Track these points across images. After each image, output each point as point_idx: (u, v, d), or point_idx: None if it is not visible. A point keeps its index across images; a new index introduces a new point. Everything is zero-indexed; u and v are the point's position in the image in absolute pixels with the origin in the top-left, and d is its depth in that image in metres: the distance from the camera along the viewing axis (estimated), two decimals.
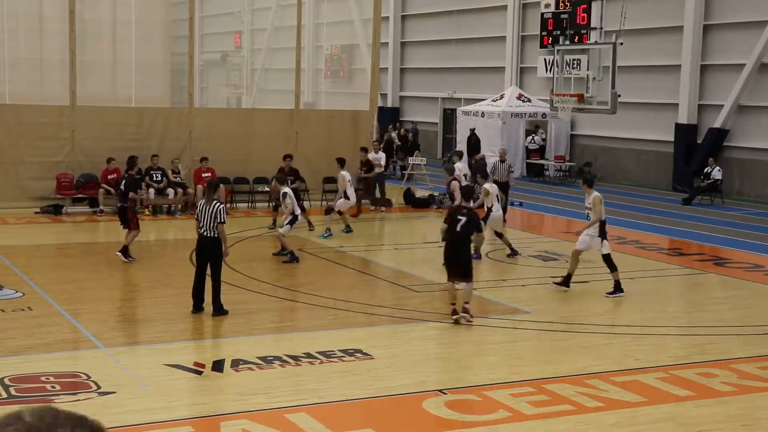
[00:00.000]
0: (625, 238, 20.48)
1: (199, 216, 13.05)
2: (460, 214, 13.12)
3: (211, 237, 12.85)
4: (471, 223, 13.01)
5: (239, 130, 24.26)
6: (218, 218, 12.79)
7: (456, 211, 13.40)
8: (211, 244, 12.88)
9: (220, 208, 12.86)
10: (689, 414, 9.56)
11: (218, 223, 12.80)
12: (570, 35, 29.26)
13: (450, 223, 13.08)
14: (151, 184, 22.82)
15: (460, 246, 12.98)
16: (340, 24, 35.13)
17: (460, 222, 12.94)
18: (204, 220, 12.90)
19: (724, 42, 29.62)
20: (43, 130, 22.73)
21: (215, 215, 12.80)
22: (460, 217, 13.02)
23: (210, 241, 12.88)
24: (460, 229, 12.93)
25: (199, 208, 13.14)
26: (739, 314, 14.01)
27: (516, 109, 34.22)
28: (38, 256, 17.33)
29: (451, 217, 13.19)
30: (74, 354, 11.27)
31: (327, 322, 13.01)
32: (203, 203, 13.12)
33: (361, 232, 21.95)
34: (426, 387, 10.14)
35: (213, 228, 12.82)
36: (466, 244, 13.08)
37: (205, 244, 12.95)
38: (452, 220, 13.09)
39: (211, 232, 12.85)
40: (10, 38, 25.60)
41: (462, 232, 12.95)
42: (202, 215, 12.95)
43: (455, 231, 12.94)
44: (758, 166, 28.70)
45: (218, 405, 9.40)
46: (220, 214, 12.83)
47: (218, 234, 12.84)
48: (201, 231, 12.96)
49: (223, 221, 12.85)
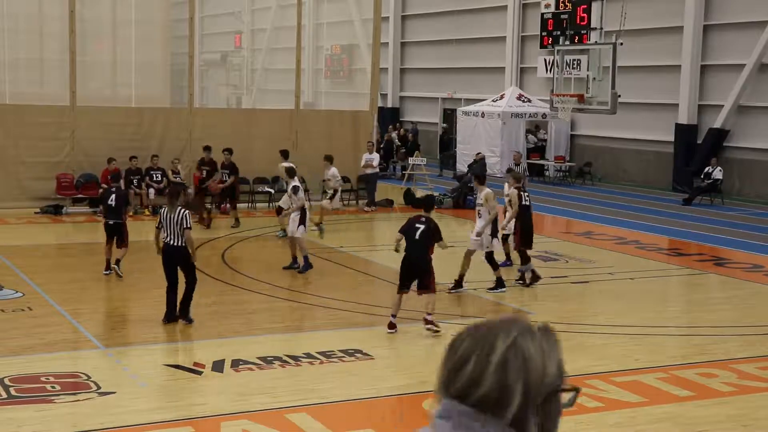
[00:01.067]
0: (625, 238, 20.48)
1: (162, 223, 12.54)
2: (418, 222, 12.48)
3: (177, 245, 12.41)
4: (430, 231, 12.38)
5: (239, 131, 24.26)
6: (184, 224, 12.33)
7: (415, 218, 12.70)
8: (178, 252, 12.45)
9: (185, 214, 12.41)
10: (689, 414, 9.56)
11: (184, 228, 12.34)
12: (570, 35, 29.29)
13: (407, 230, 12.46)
14: (151, 184, 22.83)
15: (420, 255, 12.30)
16: (340, 24, 35.12)
17: (419, 230, 12.35)
18: (168, 228, 12.42)
19: (724, 42, 29.62)
20: (43, 130, 22.72)
21: (180, 221, 12.34)
22: (418, 225, 12.40)
23: (177, 249, 12.44)
24: (419, 237, 12.33)
25: (163, 215, 12.61)
26: (739, 314, 14.01)
27: (516, 110, 34.23)
28: (38, 256, 17.33)
29: (409, 224, 12.56)
30: (74, 354, 11.27)
31: (327, 322, 13.01)
32: (166, 210, 12.59)
33: (361, 232, 21.97)
34: (426, 387, 10.13)
35: (179, 235, 12.37)
36: (426, 253, 12.35)
37: (173, 253, 12.50)
38: (409, 227, 12.45)
39: (176, 239, 12.40)
40: (10, 38, 25.58)
41: (421, 240, 12.29)
42: (166, 223, 12.46)
43: (414, 239, 12.32)
44: (758, 166, 28.69)
45: (218, 405, 9.40)
46: (186, 220, 12.38)
47: (185, 241, 12.39)
48: (165, 239, 12.46)
49: (189, 227, 12.40)
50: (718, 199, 27.46)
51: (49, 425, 8.72)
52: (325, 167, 21.27)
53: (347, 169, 25.98)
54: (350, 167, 26.08)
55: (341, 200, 22.44)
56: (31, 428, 8.65)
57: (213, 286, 15.33)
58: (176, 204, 12.53)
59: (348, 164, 26.03)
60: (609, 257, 18.44)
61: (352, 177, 25.85)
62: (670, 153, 31.06)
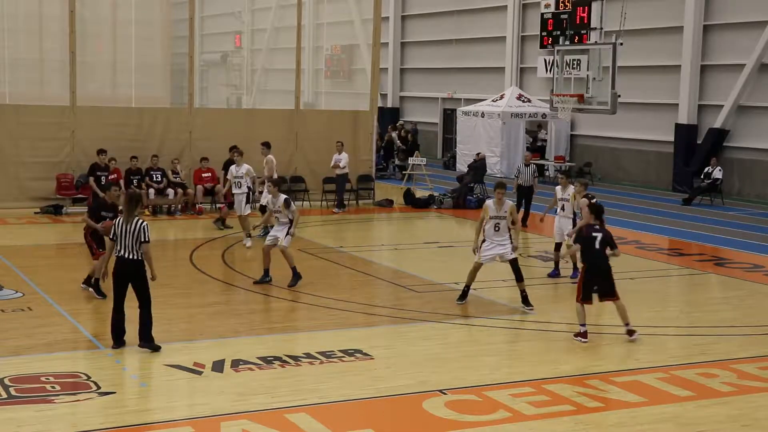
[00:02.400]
0: (625, 238, 20.47)
1: (116, 235, 11.27)
2: (593, 230, 12.44)
3: (132, 259, 11.18)
4: (606, 238, 12.36)
5: (239, 131, 24.24)
6: (141, 237, 11.15)
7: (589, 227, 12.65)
8: (132, 268, 11.20)
9: (143, 226, 11.21)
10: (689, 414, 9.56)
11: (142, 243, 11.16)
12: (570, 35, 29.26)
13: (585, 239, 12.44)
14: (151, 184, 22.83)
15: (603, 262, 12.34)
16: (340, 24, 35.10)
17: (596, 238, 12.31)
18: (123, 241, 11.18)
19: (724, 42, 29.62)
20: (43, 130, 22.72)
21: (138, 234, 11.16)
22: (595, 234, 12.36)
23: (131, 264, 11.19)
24: (599, 245, 12.31)
25: (118, 227, 11.31)
26: (739, 314, 14.00)
27: (516, 110, 34.24)
28: (38, 256, 17.32)
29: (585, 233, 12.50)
30: (74, 354, 11.26)
31: (327, 322, 13.01)
32: (121, 221, 11.33)
33: (361, 232, 21.97)
34: (426, 387, 10.14)
35: (135, 249, 11.16)
36: (607, 260, 12.40)
37: (126, 268, 11.20)
38: (587, 236, 12.40)
39: (132, 253, 11.17)
40: (10, 38, 25.58)
41: (601, 248, 12.33)
42: (122, 235, 11.20)
43: (595, 248, 12.31)
44: (758, 166, 28.70)
45: (218, 405, 9.40)
46: (144, 233, 11.18)
47: (141, 255, 11.20)
48: (119, 253, 11.22)
49: (147, 240, 11.20)
50: (718, 199, 27.47)
51: (49, 425, 8.72)
52: (265, 154, 20.99)
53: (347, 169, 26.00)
54: (351, 167, 26.06)
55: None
56: (31, 428, 8.65)
57: (213, 286, 15.34)
58: (134, 213, 11.35)
59: (348, 164, 26.03)
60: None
61: (352, 177, 25.83)
62: (670, 153, 31.06)
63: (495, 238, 13.92)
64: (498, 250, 13.95)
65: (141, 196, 12.04)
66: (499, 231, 13.90)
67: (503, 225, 13.88)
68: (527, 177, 21.94)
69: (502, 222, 13.87)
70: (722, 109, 29.32)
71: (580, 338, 12.21)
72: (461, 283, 14.42)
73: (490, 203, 13.99)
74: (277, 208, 15.13)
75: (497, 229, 13.90)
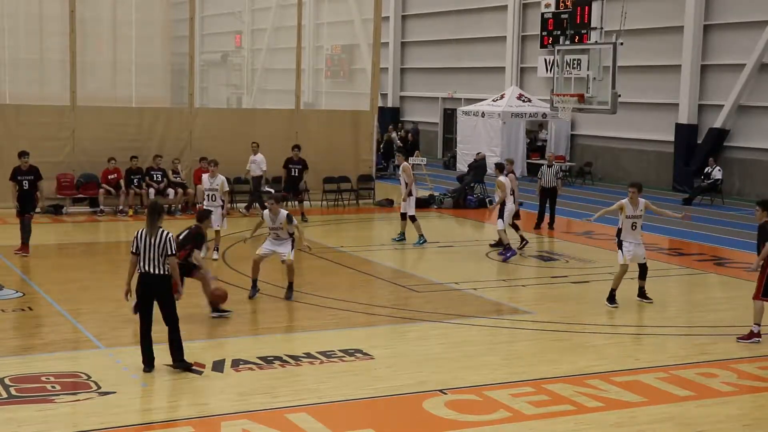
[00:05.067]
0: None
1: (138, 248, 10.40)
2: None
3: (158, 274, 10.37)
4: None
5: (239, 130, 24.26)
6: (168, 250, 10.36)
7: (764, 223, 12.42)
8: (158, 283, 10.41)
9: (169, 237, 10.39)
10: (689, 414, 9.57)
11: (168, 255, 10.37)
12: (570, 35, 29.28)
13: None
14: (151, 184, 22.84)
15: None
16: (340, 24, 35.08)
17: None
18: (147, 254, 10.35)
19: (724, 42, 29.62)
20: (43, 130, 22.72)
21: (164, 246, 10.35)
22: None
23: (157, 280, 10.39)
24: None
25: (140, 239, 10.42)
26: (739, 314, 14.00)
27: (516, 109, 34.25)
28: (38, 256, 17.32)
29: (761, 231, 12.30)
30: (74, 354, 11.27)
31: (327, 322, 13.01)
32: (144, 232, 10.43)
33: (361, 232, 21.97)
34: (426, 387, 10.14)
35: (161, 263, 10.35)
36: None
37: (152, 284, 10.38)
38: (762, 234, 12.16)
39: (157, 268, 10.36)
40: (10, 38, 25.59)
41: None
42: (145, 248, 10.36)
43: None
44: (758, 166, 28.70)
45: (218, 405, 9.40)
46: (170, 245, 10.38)
47: (167, 270, 10.41)
48: (144, 268, 10.37)
49: (173, 253, 10.41)
50: (718, 199, 27.47)
51: (49, 425, 8.73)
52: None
53: (347, 169, 26.01)
54: (350, 167, 26.09)
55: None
56: (31, 428, 8.65)
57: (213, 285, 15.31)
58: (158, 224, 10.50)
59: (348, 164, 26.05)
60: (609, 257, 18.41)
61: (353, 177, 25.83)
62: (670, 153, 31.07)
63: (631, 238, 14.19)
64: (639, 251, 14.29)
65: (163, 207, 11.19)
66: (636, 230, 14.20)
67: (639, 224, 14.17)
68: (550, 178, 21.72)
69: (639, 221, 14.17)
70: (722, 109, 29.33)
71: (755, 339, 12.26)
72: (461, 283, 14.45)
73: (626, 202, 14.22)
74: (278, 225, 14.08)
75: (634, 228, 14.19)
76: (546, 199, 21.81)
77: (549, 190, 21.75)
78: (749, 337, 12.32)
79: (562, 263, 17.90)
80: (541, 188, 21.79)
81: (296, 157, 22.59)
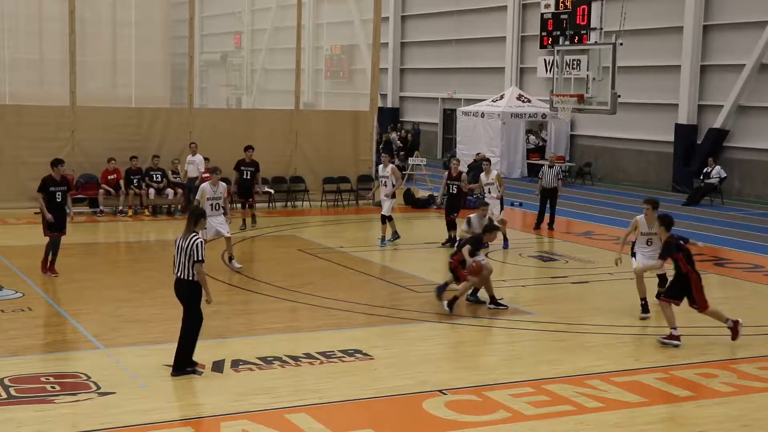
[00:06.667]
0: None
1: (175, 253, 10.38)
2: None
3: (185, 279, 10.28)
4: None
5: (239, 131, 24.25)
6: (195, 256, 10.15)
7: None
8: (185, 288, 10.33)
9: (197, 243, 10.17)
10: (689, 414, 9.57)
11: (195, 262, 10.17)
12: (570, 35, 29.28)
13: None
14: (151, 184, 22.84)
15: None
16: (340, 24, 35.09)
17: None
18: (178, 258, 10.28)
19: (724, 42, 29.63)
20: (43, 130, 22.71)
21: (191, 252, 10.17)
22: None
23: (184, 285, 10.32)
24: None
25: (177, 244, 10.36)
26: (739, 314, 13.97)
27: (516, 110, 34.26)
28: (38, 256, 17.29)
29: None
30: (74, 354, 11.26)
31: (327, 322, 13.01)
32: (180, 238, 10.36)
33: (361, 232, 21.95)
34: (426, 387, 10.14)
35: (189, 269, 10.21)
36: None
37: (180, 289, 10.38)
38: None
39: (185, 273, 10.26)
40: (10, 38, 25.61)
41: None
42: (177, 252, 10.29)
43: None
44: (758, 166, 28.70)
45: (218, 405, 9.40)
46: (197, 251, 10.15)
47: (196, 276, 10.26)
48: (175, 272, 10.37)
49: (200, 259, 10.17)
50: (718, 199, 27.47)
51: (49, 425, 8.72)
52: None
53: (347, 169, 26.00)
54: (350, 167, 26.07)
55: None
56: (31, 428, 8.65)
57: (213, 285, 15.28)
58: (193, 229, 10.37)
59: (348, 165, 26.04)
60: (609, 257, 18.41)
61: (352, 177, 25.83)
62: (670, 153, 31.07)
63: (645, 251, 13.83)
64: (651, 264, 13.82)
65: (204, 212, 10.93)
66: (651, 246, 13.76)
67: (655, 240, 13.54)
68: (551, 179, 21.67)
69: (654, 237, 13.57)
70: (722, 109, 29.33)
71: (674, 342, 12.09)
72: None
73: (641, 219, 13.80)
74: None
75: (649, 244, 13.81)
76: (546, 200, 21.80)
77: (549, 190, 21.73)
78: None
79: (562, 263, 17.89)
80: (542, 188, 21.77)
81: (249, 159, 21.29)
